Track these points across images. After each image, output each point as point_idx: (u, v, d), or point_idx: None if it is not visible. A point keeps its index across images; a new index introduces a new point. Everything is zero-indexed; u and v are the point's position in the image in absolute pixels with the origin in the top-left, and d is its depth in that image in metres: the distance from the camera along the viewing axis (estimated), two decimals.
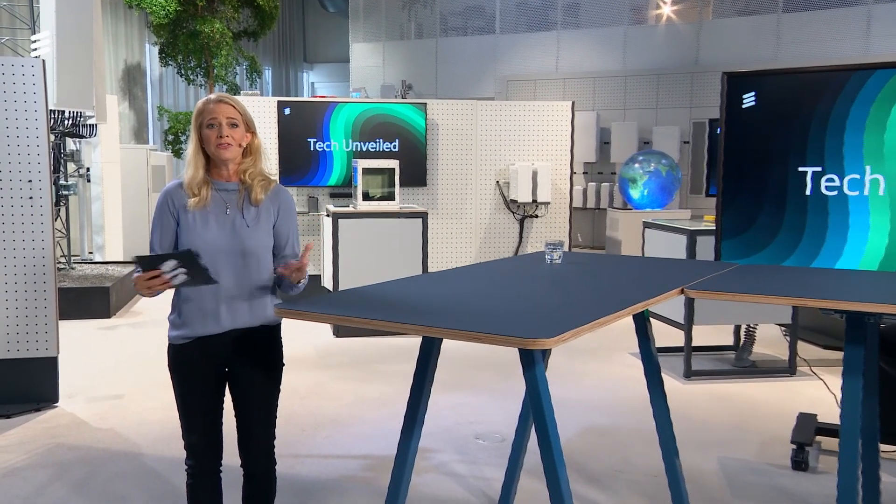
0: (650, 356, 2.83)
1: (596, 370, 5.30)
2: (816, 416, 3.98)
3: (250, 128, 2.40)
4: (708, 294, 2.48)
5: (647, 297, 2.30)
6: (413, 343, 5.79)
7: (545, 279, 2.66)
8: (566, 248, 7.36)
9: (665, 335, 5.80)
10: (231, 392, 2.43)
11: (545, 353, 2.71)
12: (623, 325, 6.23)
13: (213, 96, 2.36)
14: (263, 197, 2.38)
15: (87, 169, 8.19)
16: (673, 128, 10.80)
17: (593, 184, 10.92)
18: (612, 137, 10.93)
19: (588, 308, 2.14)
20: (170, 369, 2.41)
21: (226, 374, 2.42)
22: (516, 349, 1.81)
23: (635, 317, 2.88)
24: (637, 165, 9.21)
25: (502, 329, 1.81)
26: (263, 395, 2.40)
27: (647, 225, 5.89)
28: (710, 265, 3.09)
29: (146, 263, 2.15)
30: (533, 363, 1.89)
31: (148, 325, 6.60)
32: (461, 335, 1.80)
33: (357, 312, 2.02)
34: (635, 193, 9.16)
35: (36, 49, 6.29)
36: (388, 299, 2.23)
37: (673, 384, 4.93)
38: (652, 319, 4.44)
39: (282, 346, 2.47)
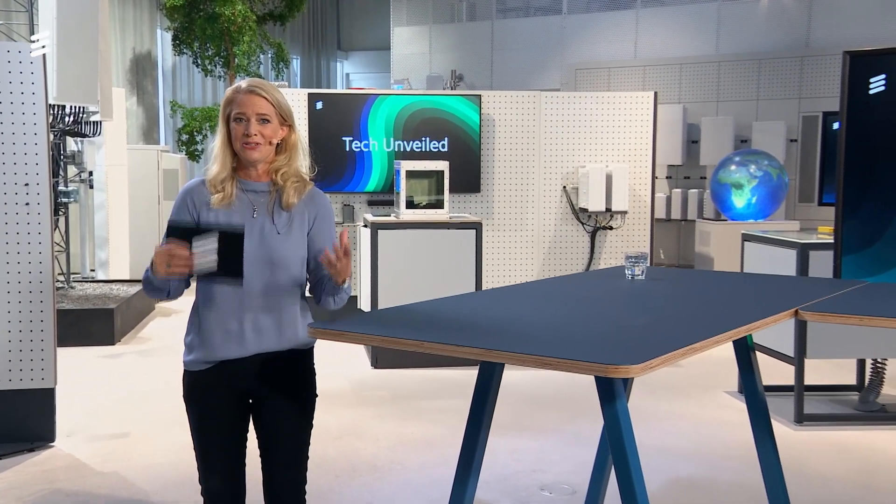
0: (756, 394, 2.76)
1: (685, 411, 5.22)
2: None
3: (287, 120, 2.42)
4: (829, 317, 2.41)
5: (752, 319, 2.25)
6: (465, 376, 5.77)
7: (626, 297, 2.62)
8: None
9: (770, 371, 5.67)
10: (256, 428, 2.44)
11: (626, 385, 2.67)
12: (718, 357, 6.11)
13: (243, 84, 2.40)
14: (297, 201, 2.40)
15: (90, 173, 8.40)
16: (777, 123, 10.61)
17: (679, 191, 10.79)
18: (703, 135, 10.79)
19: (679, 331, 2.11)
20: (185, 400, 2.43)
21: (250, 406, 2.44)
22: (591, 380, 1.78)
23: (736, 345, 2.82)
24: (734, 168, 9.06)
25: (576, 353, 1.79)
26: (293, 431, 2.41)
27: (746, 238, 5.80)
28: (828, 283, 3.01)
29: (179, 233, 2.18)
30: (613, 395, 1.86)
31: (158, 352, 6.72)
32: (527, 360, 1.78)
33: (402, 333, 2.01)
34: (740, 201, 9.04)
35: (36, 48, 6.49)
36: (438, 318, 2.23)
37: (781, 430, 4.81)
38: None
39: (314, 375, 2.47)
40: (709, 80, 11.29)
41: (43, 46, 4.52)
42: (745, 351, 2.78)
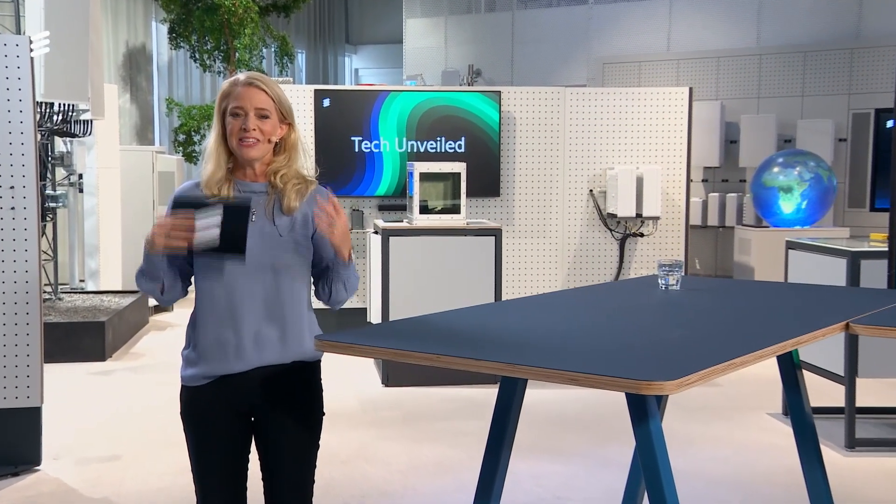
0: (802, 416, 2.74)
1: (724, 434, 5.19)
2: None
3: (286, 118, 2.44)
4: (884, 331, 2.39)
5: (798, 333, 2.24)
6: (483, 394, 5.77)
7: (659, 309, 2.62)
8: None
9: (818, 392, 5.62)
10: (258, 448, 2.44)
11: (660, 404, 2.65)
12: (760, 376, 6.07)
13: (241, 76, 2.41)
14: (298, 204, 2.41)
15: (80, 175, 8.45)
16: (824, 121, 10.55)
17: (716, 195, 10.74)
18: (742, 134, 10.74)
19: (718, 345, 2.10)
20: (182, 417, 2.44)
21: (252, 424, 2.44)
22: (621, 398, 1.78)
23: (780, 362, 2.81)
24: (777, 170, 9.02)
25: (606, 368, 1.79)
26: (298, 452, 2.41)
27: (791, 246, 5.77)
28: (882, 294, 2.99)
29: (185, 204, 2.19)
30: (646, 414, 1.85)
31: (152, 369, 6.74)
32: (552, 375, 1.77)
33: (416, 346, 2.01)
34: (788, 206, 9.00)
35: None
36: (455, 331, 2.23)
37: (831, 456, 4.77)
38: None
39: (322, 391, 2.47)
40: (749, 74, 11.25)
41: (30, 40, 4.55)
42: (791, 368, 2.76)
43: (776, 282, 4.92)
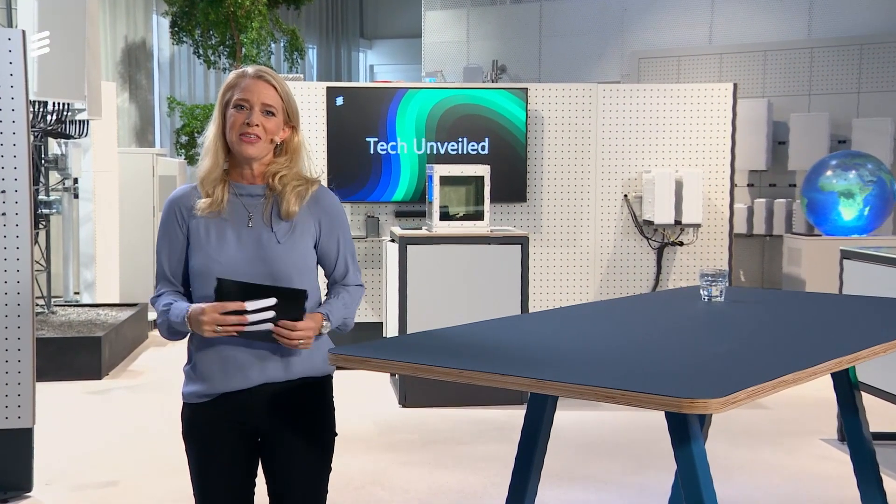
0: (861, 442, 2.72)
1: (773, 461, 5.14)
2: None
3: (291, 119, 2.44)
4: None
5: (856, 348, 2.22)
6: (509, 416, 5.75)
7: (702, 321, 2.61)
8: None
9: (878, 415, 5.55)
10: (265, 471, 2.45)
11: (703, 425, 2.63)
12: (812, 397, 6.02)
13: (250, 69, 2.42)
14: (297, 209, 2.42)
15: (75, 180, 8.50)
16: (882, 120, 10.48)
17: (763, 200, 10.68)
18: (791, 135, 10.68)
19: (766, 361, 2.09)
20: (184, 437, 2.45)
21: (258, 445, 2.44)
22: (659, 420, 1.76)
23: (836, 381, 2.78)
24: (830, 174, 8.96)
25: (644, 385, 1.78)
26: (308, 475, 2.41)
27: (846, 255, 5.72)
28: None
29: (228, 292, 2.23)
30: (688, 436, 1.84)
31: (152, 388, 6.77)
32: (585, 392, 1.76)
33: (437, 360, 2.01)
34: (849, 213, 8.93)
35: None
36: (478, 344, 2.22)
37: (893, 487, 4.72)
38: None
39: (333, 409, 2.47)
40: (799, 69, 11.19)
41: (24, 34, 4.59)
42: (848, 388, 2.73)
43: (831, 293, 4.87)
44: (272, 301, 2.27)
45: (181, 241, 2.42)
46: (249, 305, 2.26)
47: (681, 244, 7.57)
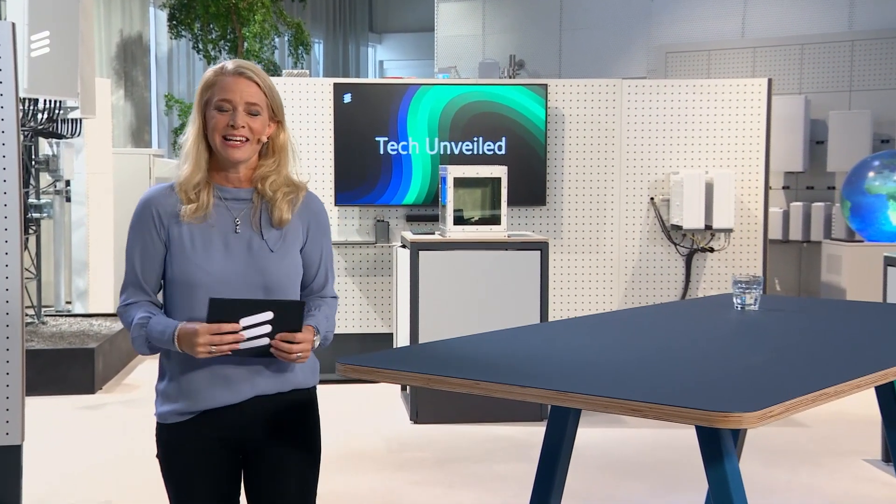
0: None
1: (812, 483, 5.12)
2: None
3: (277, 115, 2.44)
4: None
5: None
6: (527, 434, 5.75)
7: (736, 331, 2.61)
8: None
9: None
10: (248, 488, 2.46)
11: (737, 441, 2.62)
12: (854, 415, 5.99)
13: (229, 65, 2.42)
14: (290, 216, 2.43)
15: (67, 182, 8.55)
16: None
17: (799, 204, 10.66)
18: (831, 134, 10.65)
19: (805, 373, 2.08)
20: (160, 459, 2.47)
21: (241, 462, 2.45)
22: (688, 438, 1.76)
23: (880, 395, 2.77)
24: (873, 175, 8.93)
25: (673, 397, 1.77)
26: (298, 492, 2.43)
27: (890, 262, 5.70)
28: None
29: (221, 310, 2.24)
30: (721, 452, 1.84)
31: (147, 402, 6.72)
32: (611, 405, 1.76)
33: (451, 370, 2.01)
34: None
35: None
36: (496, 354, 2.22)
37: None
38: None
39: (319, 424, 2.51)
40: (839, 63, 11.16)
41: (14, 26, 4.61)
42: (893, 403, 2.72)
43: (874, 302, 4.85)
44: (269, 315, 2.27)
45: (158, 247, 2.40)
46: (245, 321, 2.26)
47: (711, 250, 7.54)
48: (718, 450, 1.86)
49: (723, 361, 2.22)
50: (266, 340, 2.28)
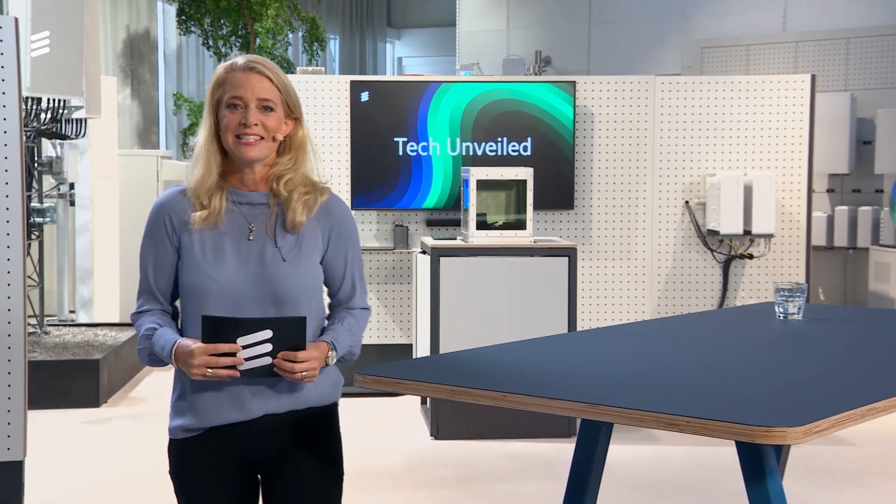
0: None
1: None
2: None
3: (293, 111, 2.44)
4: None
5: None
6: (554, 450, 5.73)
7: (778, 342, 2.60)
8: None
9: None
10: None
11: (779, 458, 2.60)
12: None
13: (239, 60, 2.41)
14: (305, 219, 2.41)
15: (71, 185, 8.59)
16: None
17: (845, 208, 10.61)
18: (879, 133, 10.60)
19: (853, 386, 2.07)
20: (172, 477, 2.47)
21: (257, 482, 2.45)
22: (728, 456, 1.75)
23: None
24: None
25: (713, 411, 1.77)
26: None
27: None
28: None
29: (215, 329, 2.24)
30: (763, 470, 1.83)
31: (154, 417, 6.79)
32: (646, 419, 1.75)
33: (476, 382, 2.00)
34: None
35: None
36: (522, 365, 2.22)
37: None
38: None
39: (341, 442, 2.48)
40: (887, 58, 11.10)
41: (16, 21, 4.64)
42: None
43: None
44: (267, 334, 2.27)
45: (170, 254, 2.41)
46: (242, 342, 2.26)
47: (750, 257, 7.52)
48: (760, 468, 1.85)
49: (765, 374, 2.21)
50: (268, 360, 2.28)
